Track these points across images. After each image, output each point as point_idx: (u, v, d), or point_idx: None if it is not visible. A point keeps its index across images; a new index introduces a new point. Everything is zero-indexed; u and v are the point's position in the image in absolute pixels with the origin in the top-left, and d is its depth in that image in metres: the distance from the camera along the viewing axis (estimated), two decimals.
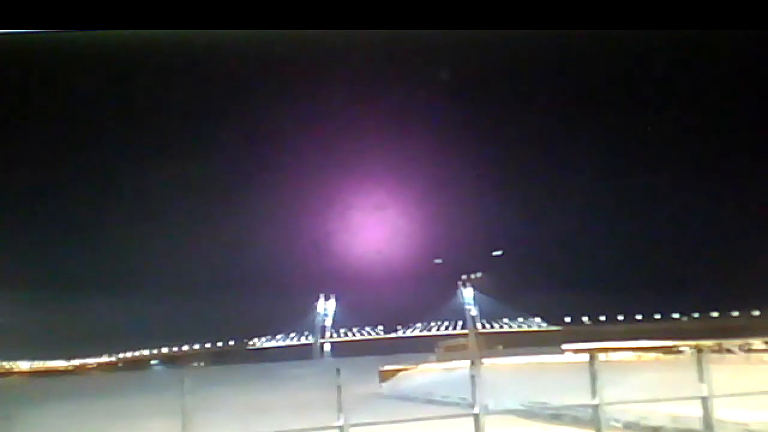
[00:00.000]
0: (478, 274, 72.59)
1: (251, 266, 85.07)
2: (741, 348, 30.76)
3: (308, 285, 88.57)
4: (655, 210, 79.60)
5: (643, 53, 46.14)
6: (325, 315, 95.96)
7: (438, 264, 67.61)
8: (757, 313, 76.49)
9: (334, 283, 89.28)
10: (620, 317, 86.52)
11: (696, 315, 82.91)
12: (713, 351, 31.05)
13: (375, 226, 70.68)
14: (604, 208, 77.35)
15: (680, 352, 33.83)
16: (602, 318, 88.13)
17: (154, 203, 79.91)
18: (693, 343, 34.81)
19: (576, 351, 39.07)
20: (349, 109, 65.98)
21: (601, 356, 36.55)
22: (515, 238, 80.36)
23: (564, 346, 43.18)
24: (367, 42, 26.77)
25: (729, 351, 30.49)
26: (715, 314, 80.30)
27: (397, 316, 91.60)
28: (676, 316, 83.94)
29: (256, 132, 73.22)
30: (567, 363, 32.48)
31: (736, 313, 78.32)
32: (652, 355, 34.88)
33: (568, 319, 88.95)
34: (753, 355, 28.24)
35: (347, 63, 49.12)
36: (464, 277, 76.84)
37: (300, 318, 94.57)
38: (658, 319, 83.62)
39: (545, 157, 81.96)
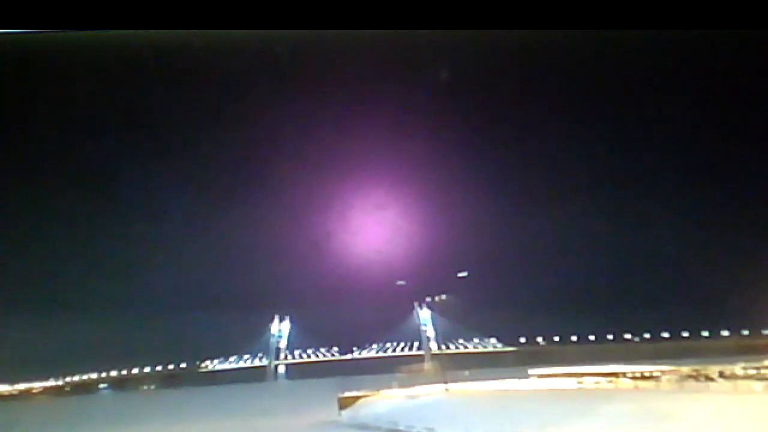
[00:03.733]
0: (443, 296, 72.43)
1: (204, 286, 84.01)
2: (721, 375, 30.10)
3: (263, 305, 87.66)
4: (613, 233, 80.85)
5: (643, 53, 46.89)
6: (280, 336, 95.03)
7: (401, 285, 67.23)
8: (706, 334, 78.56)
9: (290, 303, 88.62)
10: (574, 338, 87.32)
11: (647, 336, 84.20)
12: (692, 378, 30.62)
13: (339, 245, 70.51)
14: (566, 229, 78.19)
15: (657, 378, 33.21)
16: (556, 338, 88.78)
17: (104, 224, 78.59)
18: (670, 368, 34.24)
19: (541, 376, 39.14)
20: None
21: (574, 382, 36.30)
22: (477, 260, 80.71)
23: (530, 371, 42.80)
24: (367, 42, 26.86)
25: (709, 378, 29.82)
26: (666, 335, 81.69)
27: (353, 337, 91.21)
28: (628, 336, 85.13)
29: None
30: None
31: (686, 334, 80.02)
32: (628, 381, 34.28)
33: (522, 340, 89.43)
34: (740, 383, 27.56)
35: (347, 63, 49.43)
36: (428, 299, 76.76)
37: (254, 339, 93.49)
38: (611, 340, 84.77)
39: (512, 181, 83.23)
